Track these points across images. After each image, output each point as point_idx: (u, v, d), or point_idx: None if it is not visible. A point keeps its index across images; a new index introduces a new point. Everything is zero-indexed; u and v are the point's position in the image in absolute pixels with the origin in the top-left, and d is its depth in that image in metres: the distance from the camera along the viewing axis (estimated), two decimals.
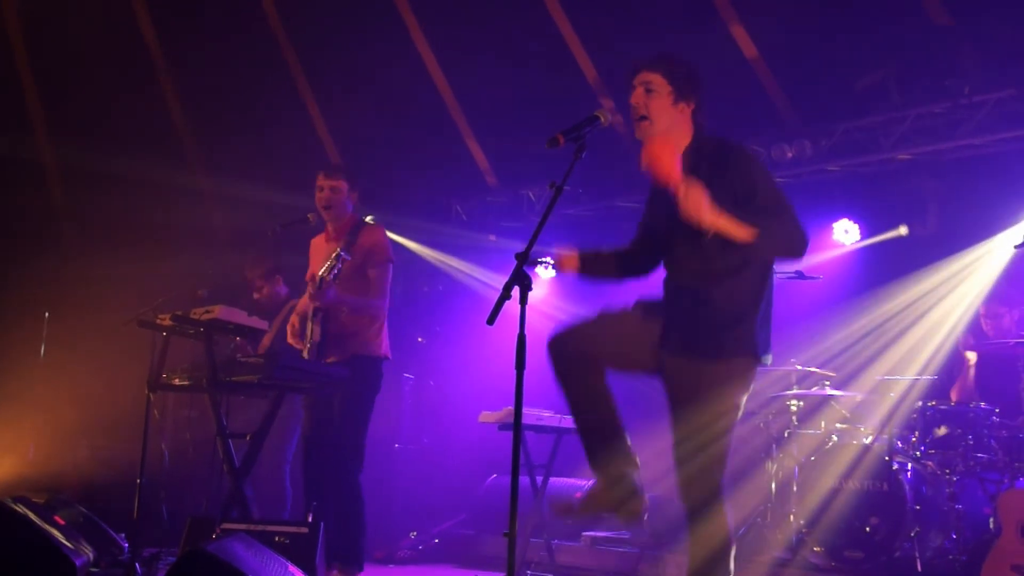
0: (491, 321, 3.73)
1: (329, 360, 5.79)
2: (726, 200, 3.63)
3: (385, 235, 6.16)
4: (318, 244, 6.27)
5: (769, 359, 3.89)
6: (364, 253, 5.96)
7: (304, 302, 6.02)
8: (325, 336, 5.79)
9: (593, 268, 4.15)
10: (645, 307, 4.04)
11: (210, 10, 10.31)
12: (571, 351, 3.96)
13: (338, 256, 5.56)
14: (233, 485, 5.62)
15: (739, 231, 3.59)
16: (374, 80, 10.30)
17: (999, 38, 7.22)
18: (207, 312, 5.54)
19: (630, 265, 4.21)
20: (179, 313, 5.61)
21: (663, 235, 4.03)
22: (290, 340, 6.10)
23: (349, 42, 10.21)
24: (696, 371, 3.84)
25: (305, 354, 5.78)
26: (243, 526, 5.01)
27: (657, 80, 3.95)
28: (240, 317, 5.57)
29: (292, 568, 4.09)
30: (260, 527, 5.03)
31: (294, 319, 6.08)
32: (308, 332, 5.82)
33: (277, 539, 4.96)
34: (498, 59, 9.64)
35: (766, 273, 3.93)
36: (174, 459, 7.54)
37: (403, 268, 10.71)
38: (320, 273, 5.62)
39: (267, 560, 3.97)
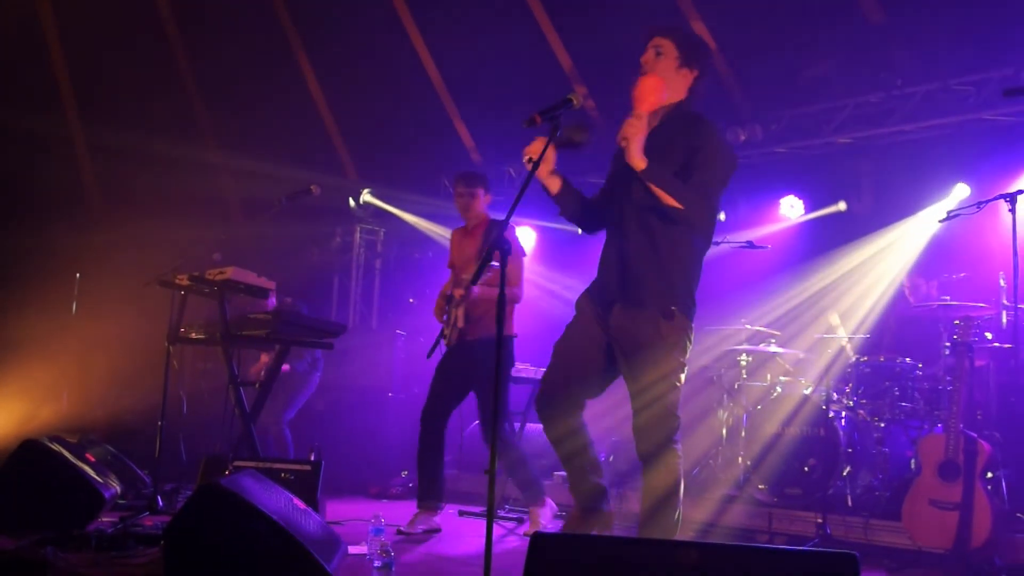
0: (474, 282, 3.78)
1: (468, 339, 6.00)
2: (674, 159, 3.75)
3: (514, 233, 6.24)
4: (457, 237, 6.47)
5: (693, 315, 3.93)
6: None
7: (448, 287, 6.26)
8: (467, 321, 6.01)
9: (568, 198, 4.08)
10: (586, 299, 4.08)
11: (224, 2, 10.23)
12: (556, 415, 4.01)
13: (488, 265, 5.69)
14: (244, 427, 5.66)
15: (665, 190, 3.68)
16: (371, 66, 10.27)
17: (927, 36, 7.22)
18: (221, 273, 5.55)
19: (590, 215, 4.15)
20: (196, 274, 5.62)
21: (614, 195, 4.06)
22: (436, 315, 6.25)
23: (348, 31, 10.16)
24: (636, 327, 3.83)
25: (447, 332, 6.05)
26: (252, 464, 5.04)
27: (667, 45, 3.98)
28: (251, 278, 5.59)
29: (296, 500, 4.10)
30: (268, 465, 5.05)
31: (440, 300, 6.23)
32: (452, 316, 6.04)
33: (283, 475, 4.99)
34: (482, 49, 9.60)
35: (700, 242, 3.95)
36: (191, 405, 7.57)
37: (396, 236, 10.74)
38: (469, 279, 5.82)
39: (274, 493, 3.98)
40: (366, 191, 10.17)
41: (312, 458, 5.90)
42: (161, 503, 5.73)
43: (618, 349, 3.89)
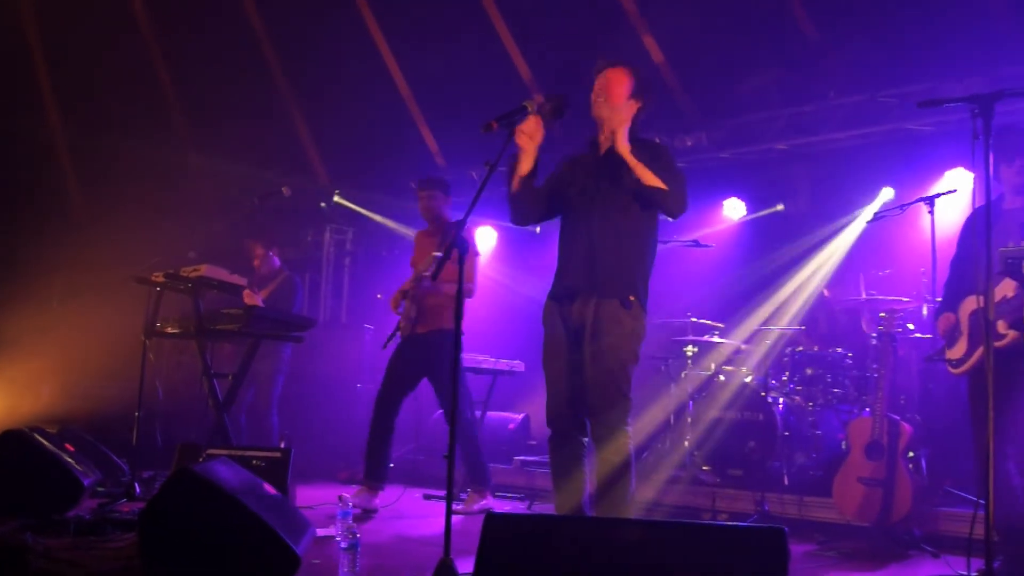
0: (434, 277, 3.78)
1: (420, 331, 6.04)
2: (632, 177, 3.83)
3: (471, 233, 6.21)
4: (420, 238, 6.47)
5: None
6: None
7: (407, 284, 6.22)
8: (419, 313, 6.04)
9: (530, 183, 4.09)
10: (551, 304, 4.10)
11: (201, 9, 10.12)
12: (568, 439, 4.03)
13: (434, 258, 5.74)
14: (217, 417, 5.61)
15: (649, 176, 3.78)
16: (341, 75, 10.21)
17: (856, 53, 7.30)
18: (195, 270, 5.50)
19: (534, 208, 4.17)
20: (171, 271, 5.57)
21: (573, 197, 4.07)
22: (392, 306, 6.26)
23: (319, 40, 10.11)
24: (598, 316, 3.89)
25: (403, 323, 6.10)
26: (225, 451, 4.99)
27: (622, 76, 4.05)
28: (223, 274, 5.55)
29: (266, 486, 4.07)
30: (240, 452, 5.00)
31: (397, 295, 6.21)
32: (407, 309, 6.08)
33: (254, 462, 4.95)
34: (446, 58, 9.59)
35: (653, 240, 4.05)
36: (168, 396, 7.50)
37: (364, 235, 10.70)
38: (420, 270, 6.00)
39: (245, 479, 3.95)
40: (336, 193, 10.15)
41: (282, 446, 5.86)
42: (138, 490, 5.66)
43: (584, 335, 3.93)
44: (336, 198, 10.12)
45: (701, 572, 2.32)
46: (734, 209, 8.44)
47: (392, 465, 7.57)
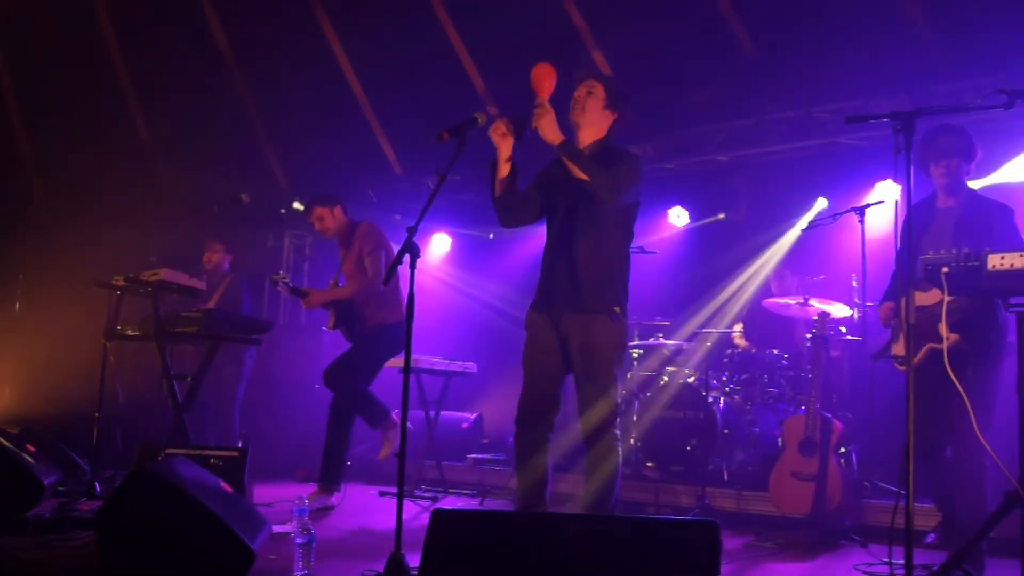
0: (386, 282, 3.79)
1: (361, 331, 6.04)
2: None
3: (372, 229, 6.20)
4: (340, 250, 6.45)
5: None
6: (359, 247, 6.03)
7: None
8: (342, 320, 6.10)
9: (512, 184, 4.08)
10: (534, 313, 4.11)
11: (163, 19, 10.01)
12: (535, 439, 4.03)
13: (275, 282, 5.75)
14: (176, 417, 5.56)
15: (575, 163, 3.82)
16: (301, 84, 10.15)
17: (793, 70, 7.40)
18: (154, 274, 5.45)
19: (519, 206, 4.16)
20: (131, 275, 5.51)
21: (556, 202, 4.11)
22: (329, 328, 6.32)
23: (279, 50, 10.05)
24: (587, 330, 3.94)
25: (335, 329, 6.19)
26: (184, 451, 4.95)
27: (598, 88, 4.10)
28: (182, 279, 5.51)
29: (223, 484, 4.04)
30: (198, 451, 4.96)
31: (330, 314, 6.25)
32: (331, 320, 6.16)
33: (212, 461, 4.90)
34: (404, 72, 9.59)
35: (627, 248, 4.10)
36: (129, 397, 7.39)
37: (323, 242, 10.62)
38: (302, 288, 6.17)
39: (202, 477, 3.92)
40: (296, 200, 10.09)
41: (240, 445, 5.81)
42: (99, 489, 5.58)
43: (571, 349, 3.97)
44: (296, 205, 10.05)
45: (639, 563, 2.35)
46: (678, 217, 8.51)
47: (349, 463, 7.55)
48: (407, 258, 3.69)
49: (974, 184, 6.34)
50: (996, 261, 3.26)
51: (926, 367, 4.14)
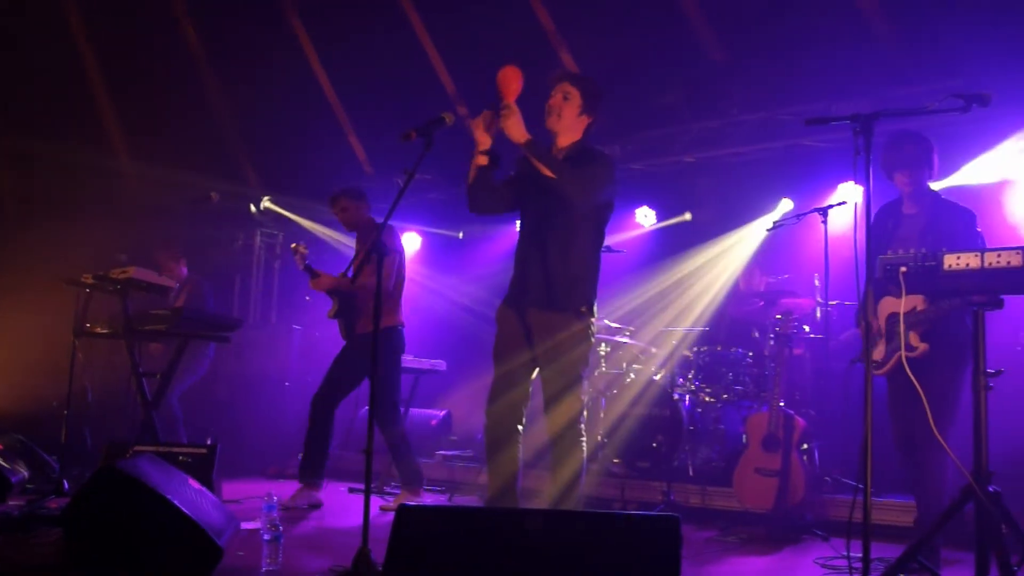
0: (354, 281, 3.79)
1: (359, 332, 5.93)
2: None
3: (393, 232, 6.10)
4: (356, 245, 6.39)
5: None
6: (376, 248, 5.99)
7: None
8: (343, 313, 5.98)
9: (488, 174, 4.09)
10: (505, 308, 4.12)
11: (133, 15, 9.91)
12: (506, 435, 4.03)
13: (294, 251, 5.68)
14: (145, 415, 5.51)
15: (542, 162, 3.83)
16: (272, 83, 10.10)
17: (758, 73, 7.45)
18: (123, 272, 5.41)
19: (490, 196, 4.16)
20: (100, 273, 5.46)
21: (528, 200, 4.12)
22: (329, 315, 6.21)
23: (250, 49, 9.99)
24: (554, 326, 3.95)
25: (333, 318, 6.07)
26: (152, 448, 4.91)
27: (574, 93, 4.08)
28: (152, 276, 5.47)
29: (192, 481, 4.02)
30: (167, 449, 4.93)
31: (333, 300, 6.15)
32: (333, 308, 6.05)
33: (181, 458, 4.88)
34: (375, 71, 9.56)
35: (598, 248, 4.11)
36: (98, 395, 7.34)
37: (294, 240, 10.55)
38: (313, 268, 6.00)
39: (170, 474, 3.89)
40: (266, 198, 10.03)
41: (209, 442, 5.77)
42: (67, 487, 5.54)
43: (537, 343, 3.98)
44: (266, 203, 10.00)
45: (602, 557, 2.36)
46: (645, 217, 8.54)
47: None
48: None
49: (934, 186, 6.45)
50: (952, 261, 3.30)
51: (900, 371, 4.20)
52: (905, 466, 4.45)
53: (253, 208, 10.12)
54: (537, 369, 4.05)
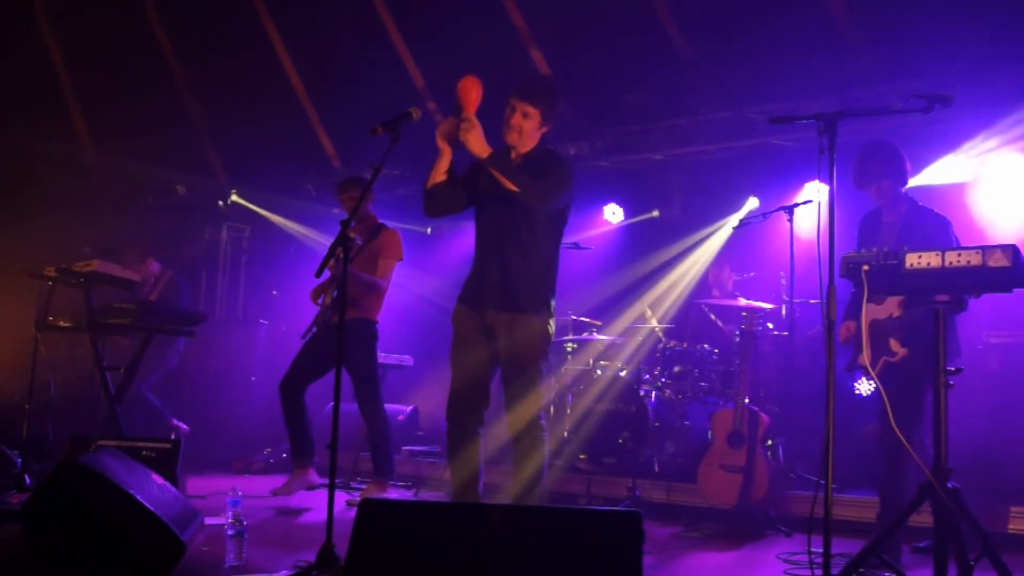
0: (318, 274, 3.78)
1: (334, 320, 5.78)
2: (526, 172, 3.89)
3: (398, 240, 6.10)
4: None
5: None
6: (379, 248, 5.96)
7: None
8: (335, 301, 5.83)
9: (448, 179, 4.08)
10: (462, 308, 4.11)
11: (100, 7, 9.80)
12: (466, 434, 4.04)
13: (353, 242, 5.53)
14: (109, 409, 5.45)
15: (504, 175, 3.82)
16: (241, 76, 10.02)
17: (726, 72, 7.49)
18: (87, 265, 5.34)
19: (447, 201, 4.15)
20: (63, 266, 5.39)
21: (485, 201, 4.11)
22: (312, 299, 6.10)
23: (218, 42, 9.91)
24: (514, 326, 3.95)
25: (324, 305, 5.91)
26: (115, 442, 4.85)
27: (534, 112, 4.04)
28: (115, 270, 5.40)
29: (155, 476, 3.98)
30: (130, 443, 4.86)
31: (318, 288, 6.05)
32: (326, 297, 5.89)
33: (144, 453, 4.80)
34: (344, 66, 9.51)
35: (557, 249, 4.12)
36: (61, 389, 7.25)
37: (261, 234, 10.52)
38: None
39: (133, 469, 3.85)
40: (233, 192, 9.96)
41: (173, 437, 5.73)
42: (28, 481, 5.46)
43: (498, 344, 3.99)
44: (233, 197, 9.92)
45: (563, 552, 2.36)
46: (613, 214, 8.57)
47: (285, 455, 7.48)
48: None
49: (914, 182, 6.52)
50: (914, 260, 3.33)
51: (883, 376, 4.28)
52: (876, 461, 4.49)
53: (220, 202, 10.04)
54: (497, 368, 4.06)
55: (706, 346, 6.59)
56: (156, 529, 3.46)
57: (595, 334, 7.21)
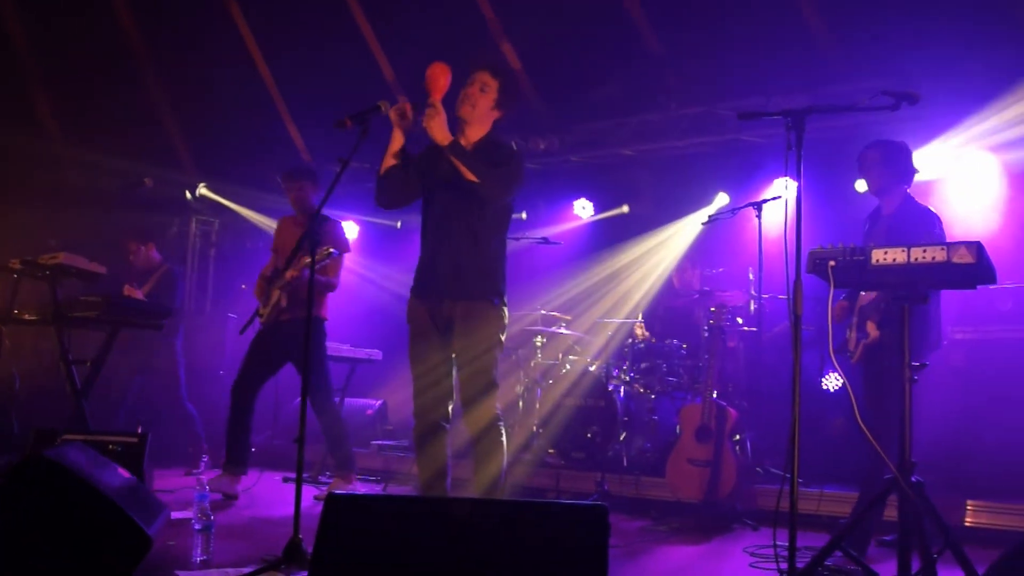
0: (286, 268, 3.75)
1: (284, 318, 5.77)
2: (484, 160, 3.88)
3: (341, 230, 6.03)
4: (286, 224, 6.20)
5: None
6: (325, 241, 5.85)
7: (268, 269, 6.03)
8: (288, 302, 5.75)
9: (400, 162, 4.07)
10: (416, 302, 4.09)
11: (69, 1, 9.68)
12: (432, 430, 4.03)
13: (329, 254, 5.42)
14: (75, 403, 5.38)
15: (464, 163, 3.81)
16: (209, 69, 9.92)
17: (697, 68, 7.52)
18: (52, 258, 5.27)
19: (399, 189, 4.14)
20: (28, 258, 5.31)
21: (435, 191, 4.08)
22: (256, 295, 6.02)
23: (187, 33, 9.81)
24: (468, 315, 3.94)
25: (265, 311, 5.81)
26: (81, 436, 4.79)
27: (492, 85, 4.04)
28: (82, 263, 5.32)
29: (120, 470, 3.94)
30: (96, 437, 4.81)
31: (260, 281, 5.96)
32: (274, 297, 5.76)
33: (110, 447, 4.75)
34: (314, 58, 9.45)
35: (505, 237, 4.12)
36: (28, 383, 7.16)
37: (230, 227, 10.44)
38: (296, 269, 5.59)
39: (99, 463, 3.81)
40: (202, 185, 9.87)
41: (139, 431, 5.66)
42: None
43: (453, 334, 3.97)
44: (202, 190, 9.83)
45: (529, 546, 2.36)
46: (583, 209, 8.59)
47: (253, 449, 7.42)
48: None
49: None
50: (880, 256, 3.33)
51: (863, 360, 4.40)
52: (844, 455, 4.57)
53: (188, 194, 9.96)
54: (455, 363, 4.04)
55: (675, 341, 6.62)
56: (122, 523, 3.42)
57: (564, 328, 7.22)
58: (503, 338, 4.03)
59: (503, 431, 3.99)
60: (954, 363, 5.56)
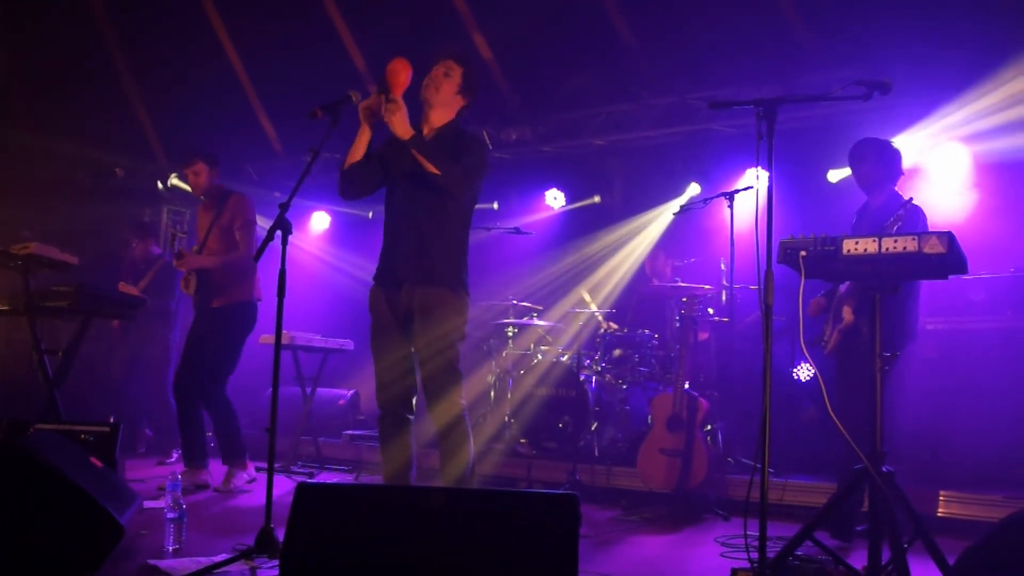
0: (256, 258, 3.73)
1: (215, 305, 5.68)
2: (443, 151, 3.87)
3: (247, 202, 5.92)
4: (200, 212, 6.08)
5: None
6: (230, 218, 5.76)
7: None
8: (200, 287, 5.71)
9: (364, 158, 4.04)
10: (377, 290, 4.07)
11: None
12: (396, 423, 4.02)
13: (172, 235, 5.34)
14: (48, 392, 5.33)
15: (426, 157, 3.80)
16: (181, 58, 9.82)
17: (668, 58, 7.53)
18: (24, 248, 5.21)
19: (363, 181, 4.11)
20: (0, 248, 5.25)
21: (396, 179, 4.07)
22: (183, 289, 5.93)
23: (160, 23, 9.69)
24: (429, 301, 3.92)
25: (192, 295, 5.77)
26: (54, 426, 4.75)
27: (456, 72, 4.05)
28: (54, 252, 5.26)
29: (92, 459, 3.91)
30: (69, 427, 4.77)
31: (188, 274, 5.83)
32: (192, 283, 5.73)
33: (83, 436, 4.72)
34: (285, 48, 9.37)
35: (468, 224, 4.09)
36: (2, 372, 7.11)
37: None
38: (179, 249, 5.67)
39: (71, 452, 3.79)
40: (173, 175, 9.78)
41: (111, 421, 5.61)
42: None
43: (413, 320, 3.95)
44: (173, 180, 9.75)
45: (500, 535, 2.36)
46: (555, 199, 8.60)
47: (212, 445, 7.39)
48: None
49: (839, 173, 6.61)
50: (851, 246, 3.33)
51: (838, 347, 4.46)
52: (815, 446, 4.61)
53: (160, 184, 9.89)
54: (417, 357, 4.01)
55: (646, 331, 6.64)
56: (94, 512, 3.40)
57: (535, 319, 7.22)
58: (464, 329, 4.01)
59: (468, 424, 3.97)
60: (926, 354, 5.56)
